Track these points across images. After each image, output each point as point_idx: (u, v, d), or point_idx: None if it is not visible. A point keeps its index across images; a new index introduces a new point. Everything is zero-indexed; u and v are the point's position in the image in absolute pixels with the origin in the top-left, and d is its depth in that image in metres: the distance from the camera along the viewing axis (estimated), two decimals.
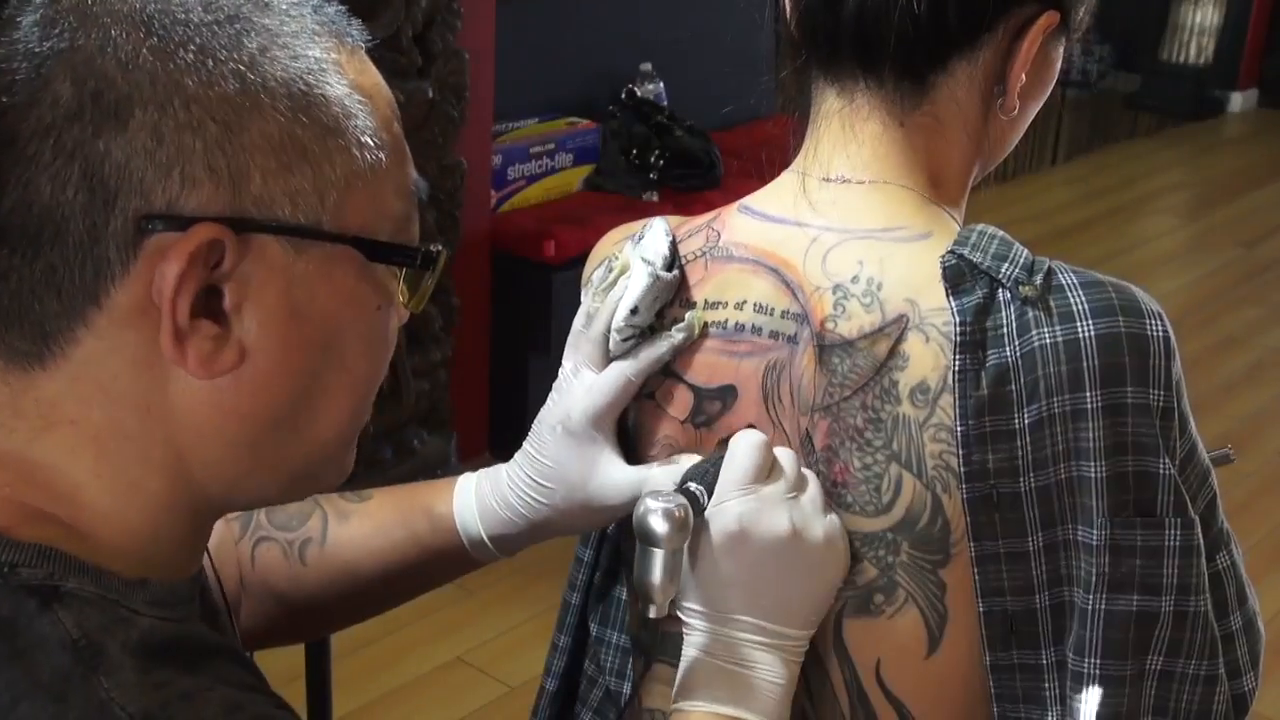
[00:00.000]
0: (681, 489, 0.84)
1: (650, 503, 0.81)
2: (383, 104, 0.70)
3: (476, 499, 0.96)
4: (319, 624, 1.06)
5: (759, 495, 0.83)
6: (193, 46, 0.63)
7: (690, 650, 0.85)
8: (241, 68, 0.63)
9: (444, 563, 0.98)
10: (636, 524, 0.81)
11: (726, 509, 0.83)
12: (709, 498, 0.84)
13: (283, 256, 0.65)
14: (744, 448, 0.84)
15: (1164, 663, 0.82)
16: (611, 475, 0.91)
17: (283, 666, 1.01)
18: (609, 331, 0.91)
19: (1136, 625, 0.80)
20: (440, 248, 0.72)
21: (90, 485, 0.66)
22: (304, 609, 0.98)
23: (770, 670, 0.84)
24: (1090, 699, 0.81)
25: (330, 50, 0.67)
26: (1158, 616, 0.81)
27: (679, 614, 0.85)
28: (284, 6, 0.67)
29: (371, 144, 0.68)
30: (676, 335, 0.90)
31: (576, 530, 0.98)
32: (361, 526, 0.97)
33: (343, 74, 0.67)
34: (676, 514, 0.80)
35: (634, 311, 0.90)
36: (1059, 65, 0.93)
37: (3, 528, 0.63)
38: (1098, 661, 0.81)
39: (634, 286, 0.90)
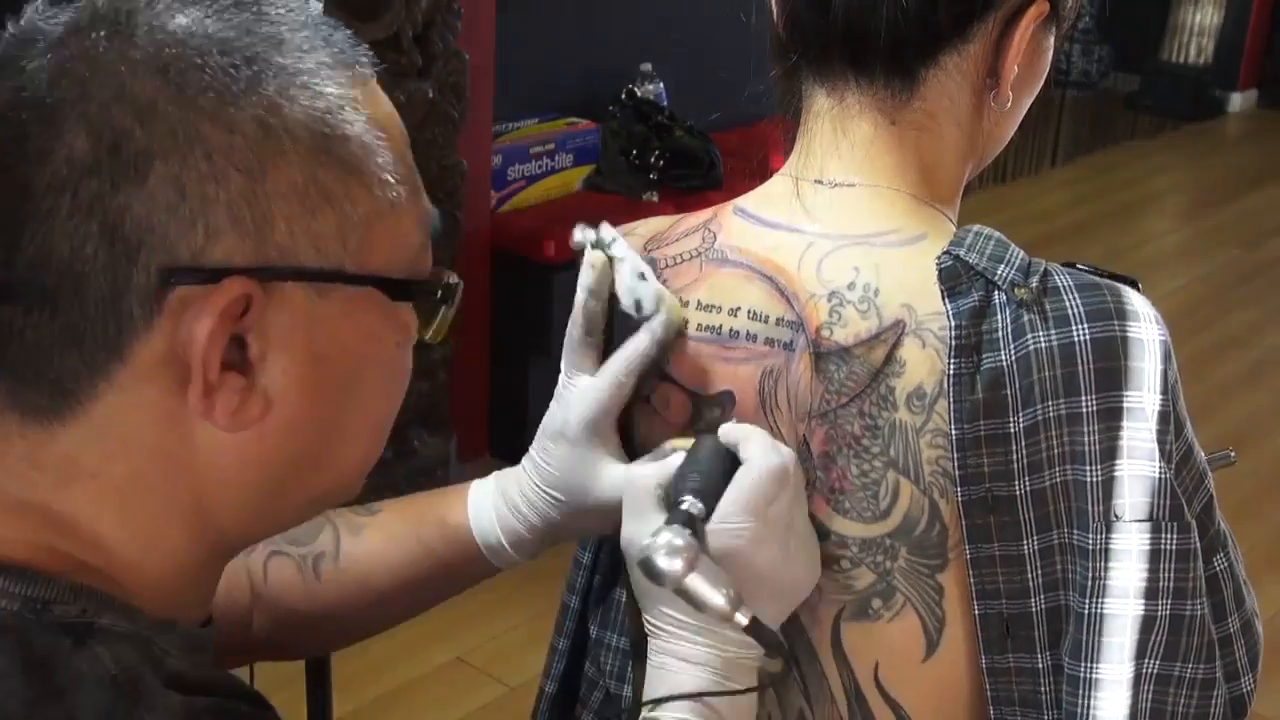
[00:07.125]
0: (676, 510, 0.80)
1: (653, 542, 0.77)
2: (396, 134, 0.68)
3: (494, 507, 0.95)
4: (334, 637, 1.06)
5: (755, 531, 0.80)
6: (211, 93, 0.61)
7: (659, 656, 0.82)
8: (261, 112, 0.62)
9: (458, 572, 0.98)
10: (645, 572, 0.77)
11: (726, 532, 0.80)
12: (708, 512, 0.81)
13: (305, 301, 0.64)
14: (759, 474, 0.81)
15: (1161, 666, 0.82)
16: (611, 478, 0.90)
17: (283, 667, 1.01)
18: (585, 335, 0.90)
19: (1133, 630, 0.80)
20: (457, 279, 0.72)
21: (113, 536, 0.65)
22: (320, 623, 0.98)
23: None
24: (1087, 703, 0.81)
25: (345, 85, 0.65)
26: (1154, 621, 0.81)
27: (649, 619, 0.83)
28: (298, 41, 0.64)
29: (391, 180, 0.66)
30: (655, 326, 0.88)
31: (593, 533, 0.98)
32: (374, 540, 0.97)
33: (359, 109, 0.66)
34: (684, 553, 0.76)
35: (592, 294, 0.89)
36: (1050, 55, 0.92)
37: (35, 564, 0.62)
38: (1094, 665, 0.81)
39: (583, 274, 0.90)
